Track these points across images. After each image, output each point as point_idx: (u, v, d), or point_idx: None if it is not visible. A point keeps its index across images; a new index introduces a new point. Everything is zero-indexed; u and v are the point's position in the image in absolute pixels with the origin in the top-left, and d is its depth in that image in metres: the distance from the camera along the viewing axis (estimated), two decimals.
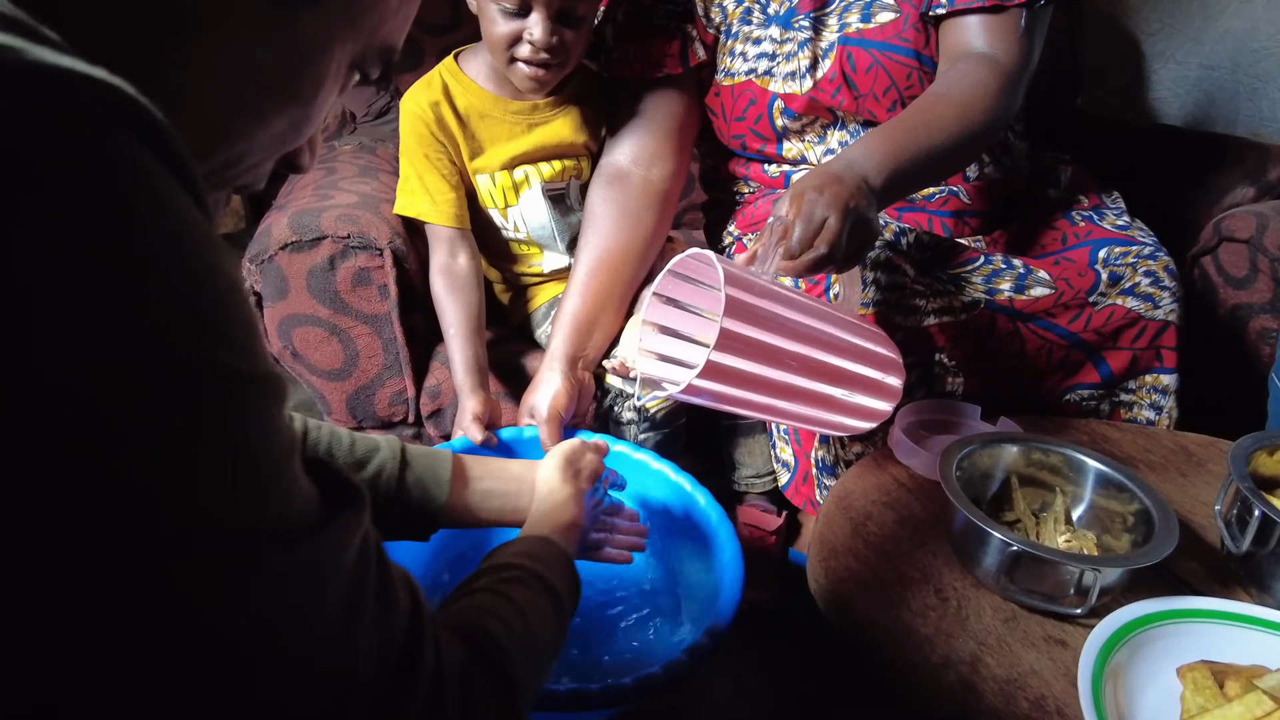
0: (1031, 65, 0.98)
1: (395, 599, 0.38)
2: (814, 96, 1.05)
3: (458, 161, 1.11)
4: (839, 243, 0.74)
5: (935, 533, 0.80)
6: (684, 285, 0.82)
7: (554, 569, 0.60)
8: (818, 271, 0.76)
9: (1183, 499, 0.86)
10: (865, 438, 1.00)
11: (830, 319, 0.80)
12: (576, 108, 1.14)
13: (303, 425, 0.70)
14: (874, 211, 0.79)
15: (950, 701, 0.62)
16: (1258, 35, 1.55)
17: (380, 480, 0.71)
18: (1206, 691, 0.61)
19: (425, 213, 1.09)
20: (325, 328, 1.07)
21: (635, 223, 1.07)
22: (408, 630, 0.38)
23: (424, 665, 0.38)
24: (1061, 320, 1.01)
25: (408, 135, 1.10)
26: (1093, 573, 0.67)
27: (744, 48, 1.09)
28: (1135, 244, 1.05)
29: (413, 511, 0.73)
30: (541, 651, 0.53)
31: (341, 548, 0.34)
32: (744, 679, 1.12)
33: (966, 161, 1.03)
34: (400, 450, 0.74)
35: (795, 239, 0.75)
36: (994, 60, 0.94)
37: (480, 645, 0.46)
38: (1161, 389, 1.05)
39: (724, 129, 1.15)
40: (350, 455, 0.71)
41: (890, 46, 1.02)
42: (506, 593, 0.53)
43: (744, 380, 0.73)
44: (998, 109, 0.91)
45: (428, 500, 0.73)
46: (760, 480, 1.24)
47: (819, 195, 0.75)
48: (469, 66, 1.12)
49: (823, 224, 0.75)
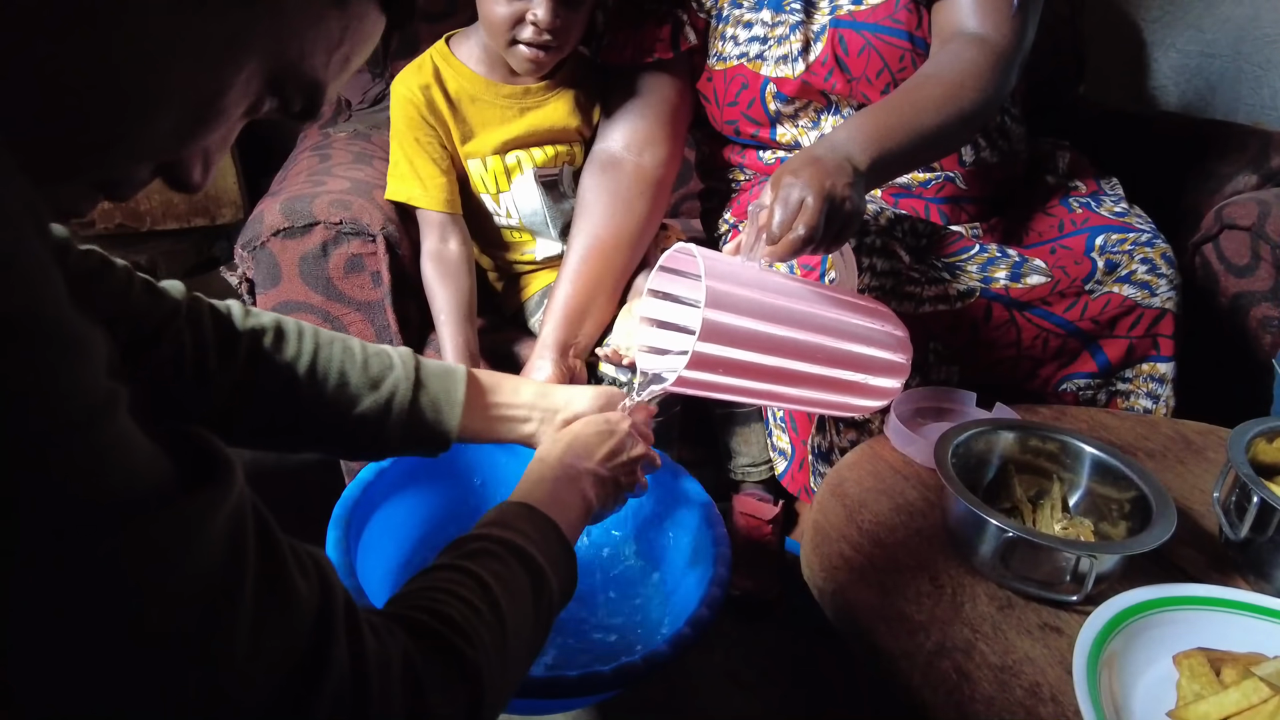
0: (1024, 45, 0.97)
1: (291, 593, 0.33)
2: (806, 80, 1.04)
3: (449, 145, 1.10)
4: (817, 224, 0.74)
5: (930, 520, 0.79)
6: (678, 279, 0.81)
7: (535, 540, 0.55)
8: (800, 253, 0.75)
9: (1181, 486, 0.86)
10: (860, 425, 1.00)
11: (828, 302, 0.79)
12: (569, 93, 1.13)
13: (314, 340, 0.69)
14: (859, 191, 0.78)
15: (945, 689, 0.61)
16: (1259, 22, 1.54)
17: (393, 402, 0.70)
18: (1203, 678, 0.60)
19: (416, 197, 1.08)
20: (318, 314, 1.07)
21: (628, 209, 1.06)
22: (314, 629, 0.34)
23: (333, 667, 0.34)
24: (1057, 309, 1.00)
25: (398, 119, 1.09)
26: (1089, 559, 0.66)
27: (735, 31, 1.08)
28: (1133, 231, 1.04)
29: (425, 431, 0.72)
30: (516, 633, 0.48)
31: (192, 534, 0.29)
32: (738, 668, 1.12)
33: (959, 142, 1.02)
34: (415, 370, 0.72)
35: (775, 223, 0.75)
36: (985, 40, 0.93)
37: (430, 629, 0.42)
38: (1159, 378, 1.05)
39: (716, 114, 1.14)
40: (364, 375, 0.69)
41: (882, 28, 1.00)
42: (469, 568, 0.49)
43: (738, 369, 0.72)
44: (989, 89, 0.90)
45: (440, 420, 0.72)
46: (756, 469, 1.23)
47: (795, 178, 0.75)
48: (460, 50, 1.11)
49: (800, 205, 0.74)
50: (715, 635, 1.03)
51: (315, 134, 1.42)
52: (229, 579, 0.31)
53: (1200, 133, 1.44)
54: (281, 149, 1.46)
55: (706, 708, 1.07)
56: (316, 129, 1.44)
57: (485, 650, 0.44)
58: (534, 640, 0.53)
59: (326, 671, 0.34)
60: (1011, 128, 1.13)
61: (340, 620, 0.36)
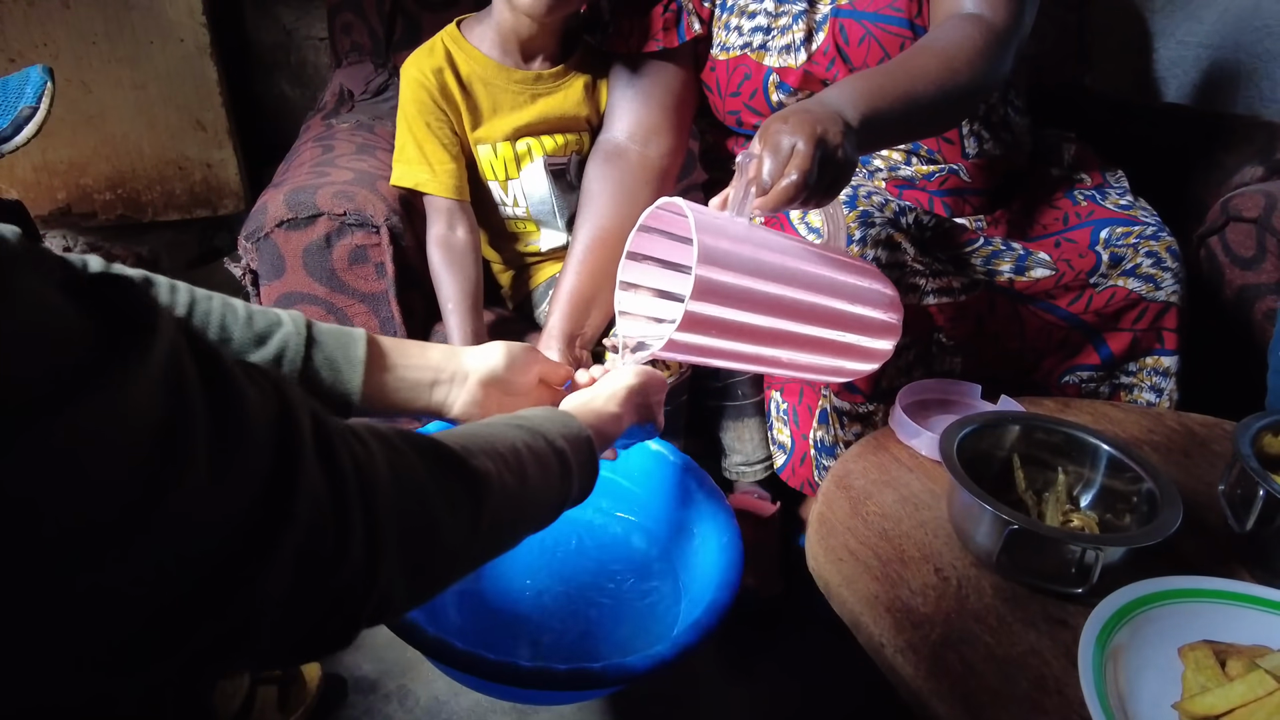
0: (1022, 29, 0.94)
1: (244, 412, 0.31)
2: (808, 70, 1.04)
3: (459, 130, 1.10)
4: (810, 169, 0.70)
5: (935, 512, 0.79)
6: (660, 241, 0.79)
7: (557, 429, 0.56)
8: (793, 203, 0.72)
9: (1186, 479, 0.85)
10: (865, 418, 1.00)
11: (818, 259, 0.77)
12: (580, 80, 1.13)
13: (189, 294, 0.63)
14: (851, 143, 0.75)
15: (950, 681, 0.61)
16: (1259, 13, 1.53)
17: (284, 359, 0.65)
18: (1208, 671, 0.60)
19: (424, 183, 1.07)
20: (322, 306, 1.06)
21: (632, 200, 1.06)
22: (277, 442, 0.32)
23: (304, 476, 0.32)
24: (1062, 302, 1.00)
25: (408, 102, 1.08)
26: (1094, 552, 0.66)
27: (739, 21, 1.07)
28: (1138, 224, 1.03)
29: (322, 396, 0.66)
30: (529, 486, 0.49)
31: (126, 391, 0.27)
32: (743, 664, 1.12)
33: (952, 118, 0.98)
34: (306, 326, 0.67)
35: (766, 171, 0.71)
36: (982, 19, 0.91)
37: (443, 450, 0.41)
38: (1162, 371, 1.04)
39: (719, 104, 1.13)
40: (248, 330, 0.64)
41: (882, 17, 1.00)
42: (481, 431, 0.49)
43: (729, 330, 0.70)
44: (984, 65, 0.88)
45: (339, 383, 0.66)
46: (751, 469, 1.22)
47: (784, 124, 0.72)
48: (472, 34, 1.10)
49: (791, 150, 0.71)
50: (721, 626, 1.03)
51: (318, 124, 1.41)
52: (174, 420, 0.29)
53: (1206, 124, 1.43)
54: (283, 140, 1.46)
55: (710, 697, 1.07)
56: (319, 119, 1.44)
57: (500, 480, 0.43)
58: (544, 507, 0.53)
59: (297, 482, 0.32)
60: (1015, 120, 1.13)
61: (306, 429, 0.34)
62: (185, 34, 1.76)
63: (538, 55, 1.11)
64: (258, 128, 2.01)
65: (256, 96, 2.01)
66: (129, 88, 1.78)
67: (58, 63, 1.71)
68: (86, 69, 1.74)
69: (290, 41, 1.97)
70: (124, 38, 1.74)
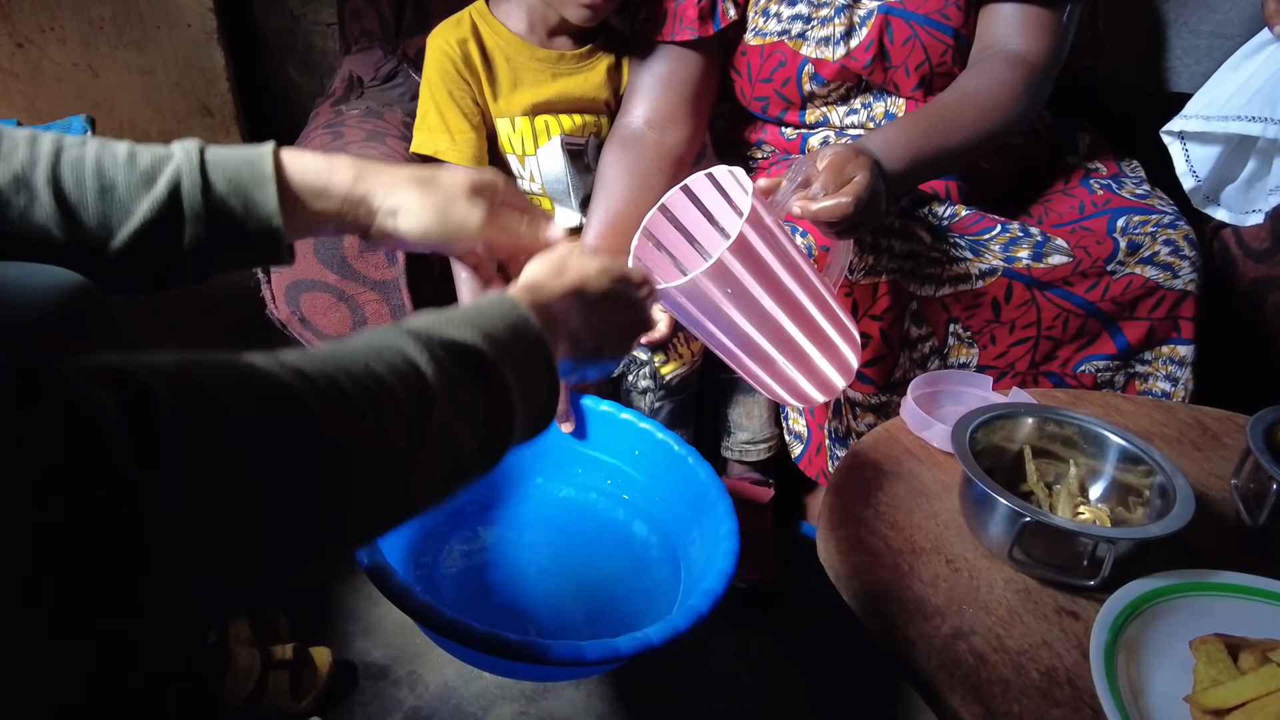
0: (1061, 60, 1.00)
1: None
2: (845, 64, 1.03)
3: (480, 101, 1.10)
4: (861, 199, 0.78)
5: (947, 503, 0.79)
6: (669, 231, 0.85)
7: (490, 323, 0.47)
8: (832, 218, 0.78)
9: (1198, 473, 0.85)
10: (877, 409, 1.00)
11: (815, 273, 0.82)
12: (603, 63, 1.13)
13: (55, 145, 0.55)
14: (883, 196, 0.83)
15: (961, 673, 0.62)
16: None
17: (181, 194, 0.56)
18: (1220, 664, 0.60)
19: (444, 150, 1.08)
20: (333, 293, 1.07)
21: (647, 186, 1.05)
22: None
23: None
24: (1079, 289, 1.00)
25: (432, 71, 1.09)
26: (1106, 545, 0.66)
27: (778, 7, 1.06)
28: (1155, 213, 1.03)
29: (238, 228, 0.57)
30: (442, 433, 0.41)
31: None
32: (748, 649, 1.13)
33: (979, 157, 1.07)
34: (198, 151, 0.57)
35: (825, 182, 0.79)
36: (1024, 61, 0.97)
37: None
38: (1178, 360, 1.04)
39: (747, 89, 1.12)
40: (131, 171, 0.55)
41: (931, 22, 1.00)
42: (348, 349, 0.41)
43: (740, 298, 0.75)
44: (1018, 110, 0.95)
45: (254, 207, 0.57)
46: (755, 447, 1.20)
47: (851, 153, 0.80)
48: (499, 11, 1.11)
49: (851, 180, 0.79)
50: (726, 614, 1.03)
51: (327, 111, 1.41)
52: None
53: None
54: (290, 126, 1.45)
55: (719, 687, 1.08)
56: (329, 106, 1.43)
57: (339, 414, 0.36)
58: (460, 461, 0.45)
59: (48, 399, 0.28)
60: None
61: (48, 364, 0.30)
62: (193, 19, 1.76)
63: (562, 36, 1.12)
64: (265, 114, 2.00)
65: (264, 82, 2.00)
66: (136, 73, 1.77)
67: (65, 47, 1.71)
68: (94, 54, 1.73)
69: (298, 27, 1.96)
70: (131, 23, 1.73)
